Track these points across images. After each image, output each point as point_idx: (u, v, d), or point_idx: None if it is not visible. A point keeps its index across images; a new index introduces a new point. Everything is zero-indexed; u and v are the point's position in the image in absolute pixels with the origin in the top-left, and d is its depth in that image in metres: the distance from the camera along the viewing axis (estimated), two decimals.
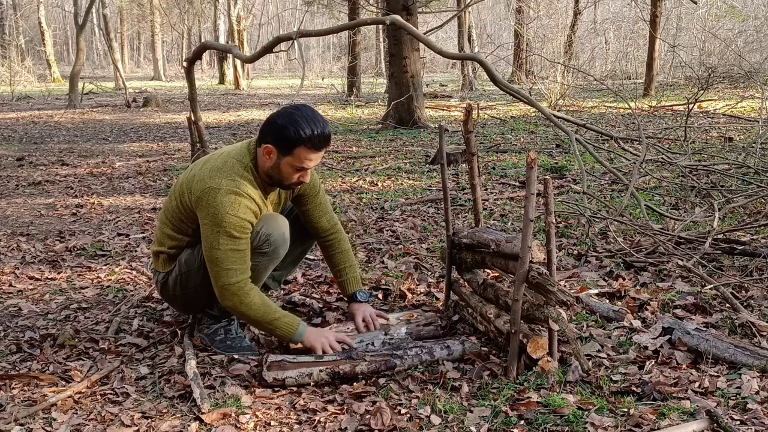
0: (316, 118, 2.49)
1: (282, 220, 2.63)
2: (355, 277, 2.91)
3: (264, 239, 2.54)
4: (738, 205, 4.65)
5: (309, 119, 2.48)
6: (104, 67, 40.78)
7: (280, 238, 2.58)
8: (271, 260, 2.62)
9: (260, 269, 2.61)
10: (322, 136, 2.49)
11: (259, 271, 2.62)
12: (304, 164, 2.51)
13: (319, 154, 2.54)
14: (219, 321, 2.75)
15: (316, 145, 2.48)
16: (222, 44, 14.08)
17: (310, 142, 2.46)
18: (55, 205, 5.80)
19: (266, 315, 2.52)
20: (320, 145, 2.50)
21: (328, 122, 2.55)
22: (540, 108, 5.02)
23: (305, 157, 2.49)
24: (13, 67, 23.93)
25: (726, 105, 11.10)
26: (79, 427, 2.15)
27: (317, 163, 2.56)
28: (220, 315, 2.75)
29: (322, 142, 2.50)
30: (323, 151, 2.55)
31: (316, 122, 2.48)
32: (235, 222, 2.45)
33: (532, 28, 22.15)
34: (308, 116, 2.49)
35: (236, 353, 2.65)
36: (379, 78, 23.80)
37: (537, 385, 2.29)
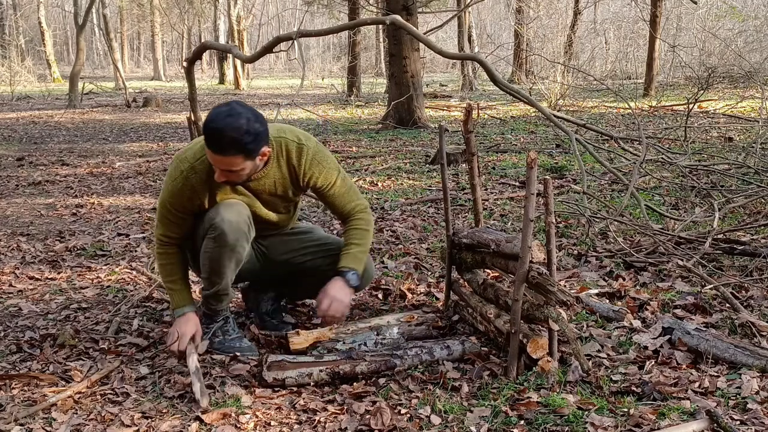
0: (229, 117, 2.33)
1: (237, 210, 2.54)
2: (356, 254, 2.68)
3: (210, 224, 2.52)
4: (738, 205, 4.65)
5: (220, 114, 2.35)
6: (104, 67, 40.78)
7: (225, 223, 2.48)
8: (220, 247, 2.52)
9: (213, 257, 2.55)
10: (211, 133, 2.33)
11: (213, 259, 2.56)
12: (210, 160, 2.41)
13: (218, 158, 2.37)
14: (214, 321, 2.75)
15: (207, 141, 2.37)
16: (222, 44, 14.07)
17: (207, 138, 2.37)
18: (55, 205, 5.80)
19: (167, 277, 2.67)
20: (210, 143, 2.35)
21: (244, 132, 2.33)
22: (540, 108, 5.01)
23: (208, 152, 2.39)
24: (13, 67, 23.92)
25: (726, 105, 11.10)
26: (79, 427, 2.15)
27: (222, 167, 2.40)
28: (212, 314, 2.75)
29: (210, 140, 2.35)
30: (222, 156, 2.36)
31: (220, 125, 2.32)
32: (168, 197, 2.57)
33: (532, 28, 22.14)
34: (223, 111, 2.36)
35: (234, 352, 2.65)
36: (379, 78, 23.80)
37: (537, 385, 2.29)
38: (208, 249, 2.56)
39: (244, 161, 2.42)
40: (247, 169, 2.47)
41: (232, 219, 2.52)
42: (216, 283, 2.64)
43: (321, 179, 2.66)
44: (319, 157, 2.65)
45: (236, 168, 2.42)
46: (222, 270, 2.60)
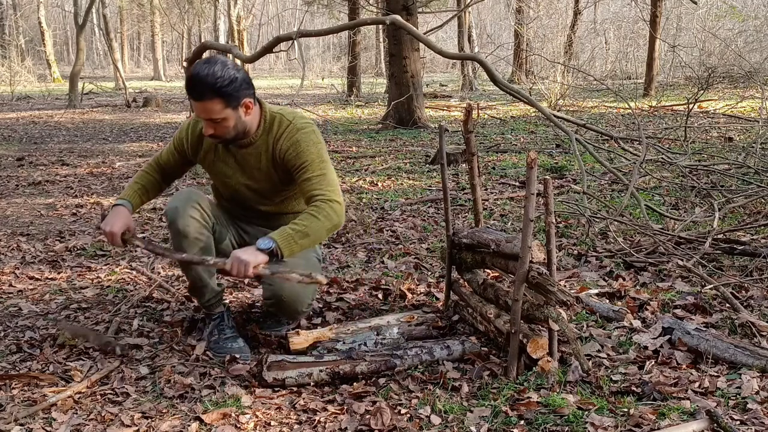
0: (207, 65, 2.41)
1: (184, 197, 2.61)
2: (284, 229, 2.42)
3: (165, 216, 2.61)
4: (738, 205, 4.65)
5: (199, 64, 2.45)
6: (104, 67, 40.77)
7: (170, 210, 2.58)
8: (175, 236, 2.59)
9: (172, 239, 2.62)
10: (188, 80, 2.44)
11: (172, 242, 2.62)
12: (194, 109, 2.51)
13: (197, 103, 2.43)
14: (211, 319, 2.76)
15: (188, 90, 2.44)
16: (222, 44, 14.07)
17: (186, 84, 2.45)
18: (55, 205, 5.79)
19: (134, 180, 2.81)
20: (187, 90, 2.43)
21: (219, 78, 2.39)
22: (540, 108, 5.02)
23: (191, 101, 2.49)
24: (13, 67, 23.91)
25: (726, 105, 11.10)
26: (79, 427, 2.15)
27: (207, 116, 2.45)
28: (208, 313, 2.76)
29: (187, 86, 2.43)
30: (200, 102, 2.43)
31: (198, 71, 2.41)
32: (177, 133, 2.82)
33: (532, 28, 22.14)
34: (204, 61, 2.46)
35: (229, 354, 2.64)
36: (379, 78, 23.79)
37: (537, 385, 2.29)
38: (171, 241, 2.64)
39: (224, 108, 2.44)
40: (230, 120, 2.47)
41: (177, 205, 2.58)
42: (187, 273, 2.68)
43: (294, 157, 2.55)
44: (301, 136, 2.57)
45: (217, 116, 2.44)
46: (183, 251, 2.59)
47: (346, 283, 3.50)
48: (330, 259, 3.98)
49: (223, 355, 2.64)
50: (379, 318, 2.85)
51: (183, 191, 2.63)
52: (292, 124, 2.60)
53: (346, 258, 4.01)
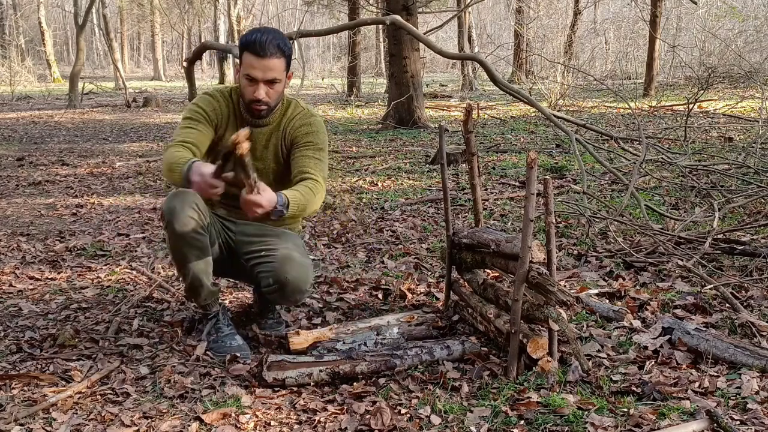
0: (266, 30, 2.60)
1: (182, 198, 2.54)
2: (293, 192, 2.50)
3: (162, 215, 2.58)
4: (738, 205, 4.65)
5: (258, 30, 2.61)
6: (104, 67, 40.77)
7: (167, 211, 2.52)
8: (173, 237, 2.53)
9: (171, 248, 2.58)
10: (263, 42, 2.55)
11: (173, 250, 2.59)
12: (249, 72, 2.58)
13: (264, 63, 2.56)
14: (207, 319, 2.76)
15: (256, 49, 2.55)
16: (222, 44, 14.07)
17: (251, 45, 2.56)
18: (55, 205, 5.79)
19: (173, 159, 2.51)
20: (261, 50, 2.54)
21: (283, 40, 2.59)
22: (540, 108, 5.02)
23: (249, 63, 2.58)
24: (13, 67, 23.93)
25: (726, 105, 11.10)
26: (79, 427, 2.15)
27: (266, 76, 2.57)
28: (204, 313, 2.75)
29: (263, 47, 2.54)
30: (270, 61, 2.56)
31: (263, 32, 2.58)
32: (189, 106, 2.73)
33: (532, 28, 22.14)
34: (260, 29, 2.63)
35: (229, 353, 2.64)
36: (379, 78, 23.80)
37: (537, 385, 2.29)
38: (167, 242, 2.61)
39: (283, 69, 2.62)
40: (281, 84, 2.63)
41: (176, 206, 2.53)
42: (185, 274, 2.62)
43: (302, 134, 2.72)
44: (314, 120, 2.76)
45: (278, 76, 2.60)
46: (183, 259, 2.58)
47: (346, 283, 3.50)
48: (330, 259, 3.99)
49: (223, 354, 2.64)
50: (379, 318, 2.85)
51: (179, 191, 2.60)
52: (307, 110, 2.80)
53: (346, 258, 4.01)
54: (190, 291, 2.70)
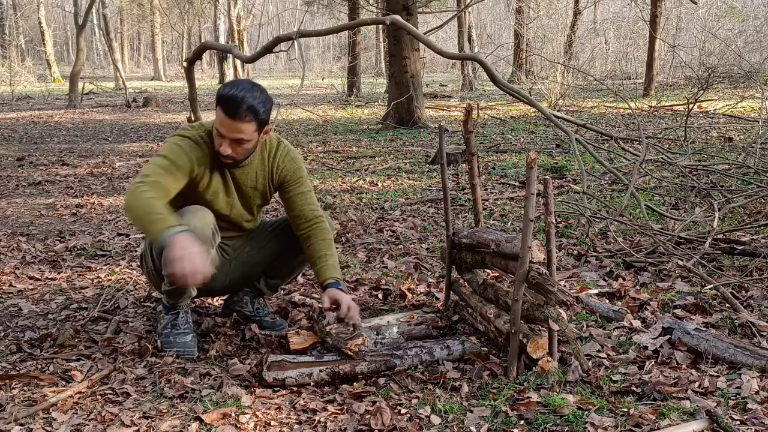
0: (246, 88, 2.48)
1: (201, 216, 2.56)
2: (335, 265, 2.73)
3: None
4: (738, 205, 4.65)
5: (238, 85, 2.50)
6: (104, 67, 40.76)
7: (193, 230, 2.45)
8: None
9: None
10: (230, 99, 2.44)
11: None
12: (218, 128, 2.51)
13: (232, 123, 2.46)
14: (168, 313, 2.75)
15: (225, 107, 2.46)
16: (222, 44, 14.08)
17: (222, 101, 2.47)
18: (55, 205, 5.80)
19: (149, 209, 2.37)
20: (229, 111, 2.45)
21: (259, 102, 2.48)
22: (540, 108, 5.01)
23: (219, 119, 2.50)
24: (13, 67, 23.92)
25: (726, 105, 11.10)
26: (79, 427, 2.15)
27: (232, 135, 2.49)
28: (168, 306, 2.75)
29: (228, 105, 2.44)
30: (239, 123, 2.46)
31: (239, 87, 2.47)
32: (170, 146, 2.57)
33: (532, 28, 22.15)
34: (242, 84, 2.52)
35: (174, 349, 2.65)
36: (379, 78, 23.80)
37: (537, 385, 2.29)
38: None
39: (254, 131, 2.53)
40: (252, 142, 2.57)
41: (197, 225, 2.52)
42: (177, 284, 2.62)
43: (291, 174, 2.76)
44: (293, 154, 2.80)
45: (246, 137, 2.52)
46: None
47: (346, 283, 3.50)
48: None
49: (168, 349, 2.66)
50: (379, 318, 2.85)
51: (196, 209, 2.58)
52: (283, 144, 2.79)
53: (346, 258, 4.01)
54: (175, 294, 2.70)
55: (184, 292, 2.71)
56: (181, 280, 2.33)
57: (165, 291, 2.71)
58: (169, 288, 2.66)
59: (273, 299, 3.26)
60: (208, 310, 3.19)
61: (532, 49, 20.71)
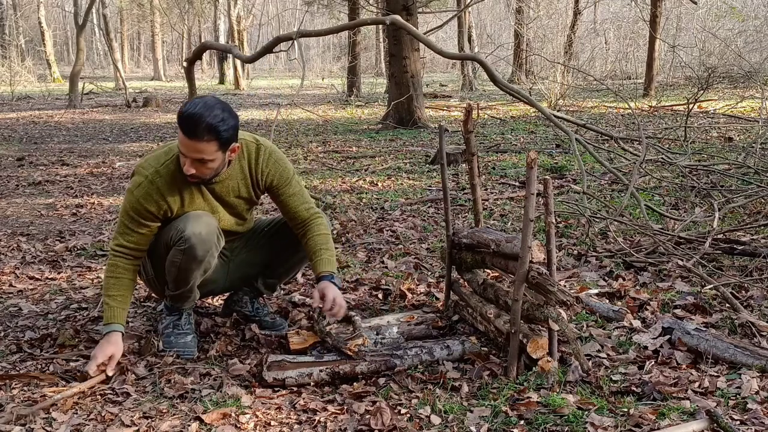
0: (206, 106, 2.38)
1: (205, 222, 2.54)
2: (330, 259, 2.68)
3: (179, 236, 2.51)
4: (738, 205, 4.65)
5: (198, 103, 2.40)
6: (104, 67, 40.75)
7: (194, 237, 2.48)
8: (189, 259, 2.53)
9: (181, 267, 2.57)
10: (188, 118, 2.35)
11: (181, 269, 2.58)
12: (181, 148, 2.42)
13: (190, 142, 2.37)
14: (170, 314, 2.77)
15: (182, 127, 2.37)
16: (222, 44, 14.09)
17: (180, 121, 2.38)
18: (55, 205, 5.80)
19: (108, 289, 2.57)
20: (185, 128, 2.36)
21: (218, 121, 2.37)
22: (540, 108, 5.02)
23: (180, 138, 2.41)
24: (13, 67, 23.91)
25: (726, 105, 11.10)
26: (79, 427, 2.15)
27: (194, 156, 2.40)
28: (171, 307, 2.77)
29: (186, 125, 2.36)
30: (198, 144, 2.37)
31: (199, 108, 2.37)
32: (134, 203, 2.54)
33: (532, 28, 22.15)
34: (201, 101, 2.41)
35: (174, 349, 2.67)
36: (379, 78, 23.79)
37: (537, 385, 2.29)
38: (176, 259, 2.55)
39: (216, 151, 2.43)
40: (216, 161, 2.47)
41: (202, 231, 2.51)
42: (182, 287, 2.67)
43: (278, 177, 2.68)
44: (276, 155, 2.69)
45: (208, 157, 2.42)
46: (189, 278, 2.63)
47: (346, 283, 3.50)
48: None
49: (168, 350, 2.67)
50: (379, 318, 2.85)
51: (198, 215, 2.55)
52: (262, 146, 2.67)
53: (346, 258, 4.01)
54: (180, 298, 2.72)
55: (189, 297, 2.72)
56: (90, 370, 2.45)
57: (169, 296, 2.74)
58: (174, 293, 2.69)
59: (273, 299, 3.26)
60: (208, 310, 3.19)
61: (532, 49, 20.70)
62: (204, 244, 2.53)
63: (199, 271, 2.62)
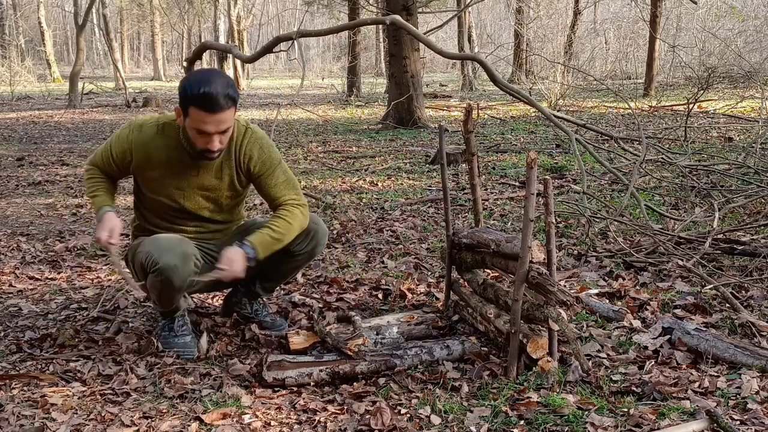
0: (211, 78, 2.42)
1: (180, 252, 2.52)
2: (263, 234, 2.59)
3: (154, 266, 2.50)
4: (738, 205, 4.65)
5: (202, 79, 2.42)
6: (104, 67, 40.74)
7: (168, 269, 2.48)
8: (167, 287, 2.54)
9: (162, 292, 2.58)
10: (212, 96, 2.38)
11: (162, 294, 2.59)
12: (200, 126, 2.44)
13: (216, 117, 2.42)
14: (164, 318, 2.77)
15: (205, 105, 2.39)
16: (222, 44, 14.07)
17: (199, 101, 2.40)
18: (55, 205, 5.79)
19: (88, 190, 2.73)
20: (211, 106, 2.39)
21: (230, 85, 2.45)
22: (540, 108, 5.02)
23: (199, 118, 2.43)
24: (13, 67, 23.92)
25: (726, 105, 11.10)
26: (79, 427, 2.15)
27: (218, 128, 2.45)
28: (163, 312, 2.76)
29: (212, 103, 2.39)
30: (221, 115, 2.42)
31: (209, 82, 2.40)
32: (114, 140, 2.67)
33: (532, 28, 22.14)
34: (203, 76, 2.44)
35: (174, 349, 2.67)
36: (379, 78, 23.79)
37: (537, 385, 2.29)
38: (155, 285, 2.56)
39: (233, 113, 2.50)
40: (232, 125, 2.53)
41: (177, 264, 2.50)
42: (166, 307, 2.69)
43: (259, 163, 2.66)
44: (261, 142, 2.68)
45: (229, 123, 2.48)
46: (172, 300, 2.65)
47: (346, 283, 3.50)
48: (330, 259, 3.98)
49: (168, 350, 2.67)
50: (379, 318, 2.85)
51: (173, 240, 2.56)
52: (250, 130, 2.68)
53: (346, 258, 4.01)
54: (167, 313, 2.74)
55: (171, 302, 2.68)
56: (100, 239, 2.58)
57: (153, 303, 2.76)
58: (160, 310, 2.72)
59: (273, 299, 3.26)
60: (208, 310, 3.19)
61: (532, 49, 20.70)
62: (180, 274, 2.51)
63: (180, 294, 2.64)
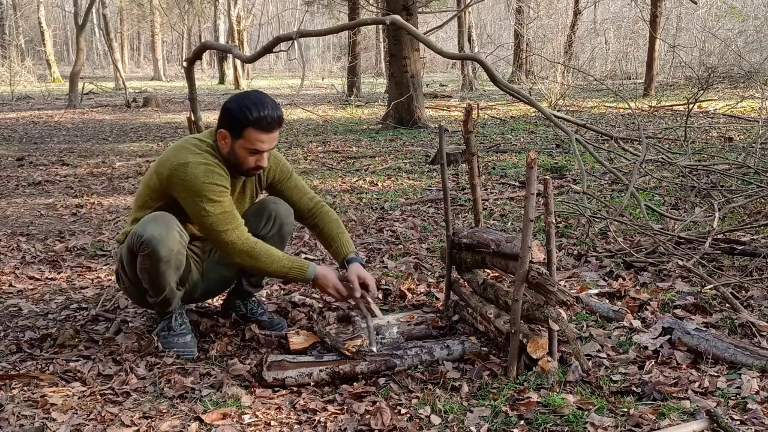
0: (264, 101, 2.57)
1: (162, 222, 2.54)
2: (349, 240, 2.85)
3: (139, 241, 2.51)
4: (738, 205, 4.65)
5: (256, 102, 2.56)
6: (104, 67, 40.74)
7: (153, 240, 2.49)
8: (155, 261, 2.53)
9: (152, 271, 2.56)
10: (270, 118, 2.55)
11: (151, 273, 2.57)
12: (256, 146, 2.57)
13: (272, 136, 2.58)
14: (162, 318, 2.77)
15: (264, 126, 2.54)
16: (222, 44, 14.07)
17: (258, 123, 2.54)
18: (55, 205, 5.79)
19: (274, 263, 2.59)
20: (269, 126, 2.55)
21: (278, 106, 2.61)
22: (540, 108, 5.01)
23: (256, 138, 2.55)
24: (13, 67, 23.93)
25: (726, 105, 11.10)
26: (79, 427, 2.15)
27: (271, 146, 2.61)
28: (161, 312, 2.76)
29: (270, 123, 2.55)
30: (275, 133, 2.59)
31: (264, 105, 2.55)
32: (212, 188, 2.55)
33: (532, 28, 22.15)
34: (256, 99, 2.57)
35: (174, 349, 2.67)
36: (379, 78, 23.79)
37: (537, 385, 2.29)
38: (144, 266, 2.56)
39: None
40: None
41: (161, 233, 2.51)
42: (161, 292, 2.66)
43: (278, 171, 2.84)
44: (275, 153, 2.83)
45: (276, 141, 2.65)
46: (164, 281, 2.61)
47: None
48: (330, 259, 3.98)
49: (168, 350, 2.67)
50: (379, 318, 2.84)
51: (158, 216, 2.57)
52: None
53: None
54: (163, 303, 2.72)
55: (171, 300, 2.70)
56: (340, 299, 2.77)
57: (153, 304, 2.74)
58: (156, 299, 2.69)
59: (273, 299, 3.26)
60: (208, 309, 3.19)
61: (532, 49, 20.70)
62: (165, 243, 2.51)
63: (171, 271, 2.59)
